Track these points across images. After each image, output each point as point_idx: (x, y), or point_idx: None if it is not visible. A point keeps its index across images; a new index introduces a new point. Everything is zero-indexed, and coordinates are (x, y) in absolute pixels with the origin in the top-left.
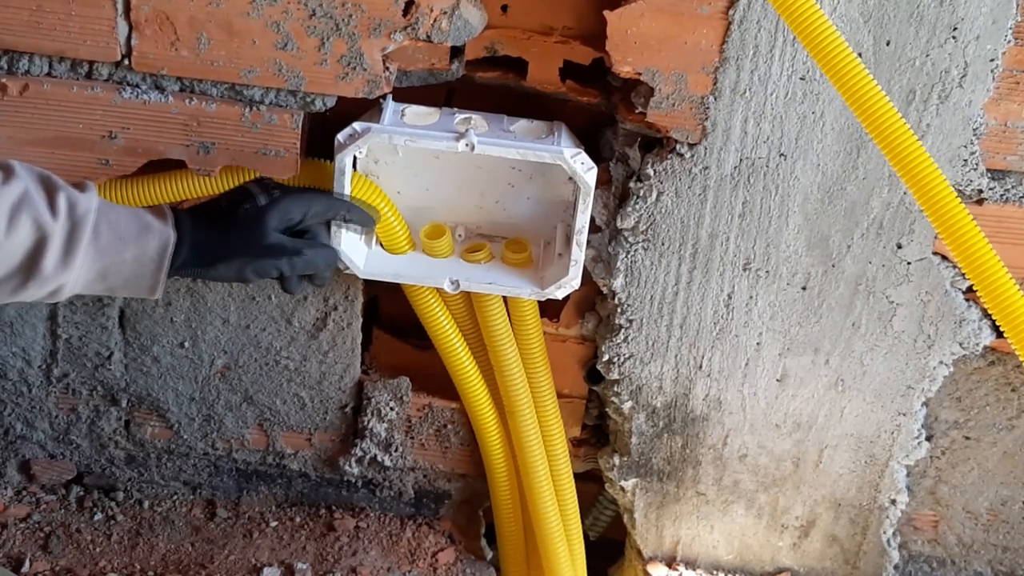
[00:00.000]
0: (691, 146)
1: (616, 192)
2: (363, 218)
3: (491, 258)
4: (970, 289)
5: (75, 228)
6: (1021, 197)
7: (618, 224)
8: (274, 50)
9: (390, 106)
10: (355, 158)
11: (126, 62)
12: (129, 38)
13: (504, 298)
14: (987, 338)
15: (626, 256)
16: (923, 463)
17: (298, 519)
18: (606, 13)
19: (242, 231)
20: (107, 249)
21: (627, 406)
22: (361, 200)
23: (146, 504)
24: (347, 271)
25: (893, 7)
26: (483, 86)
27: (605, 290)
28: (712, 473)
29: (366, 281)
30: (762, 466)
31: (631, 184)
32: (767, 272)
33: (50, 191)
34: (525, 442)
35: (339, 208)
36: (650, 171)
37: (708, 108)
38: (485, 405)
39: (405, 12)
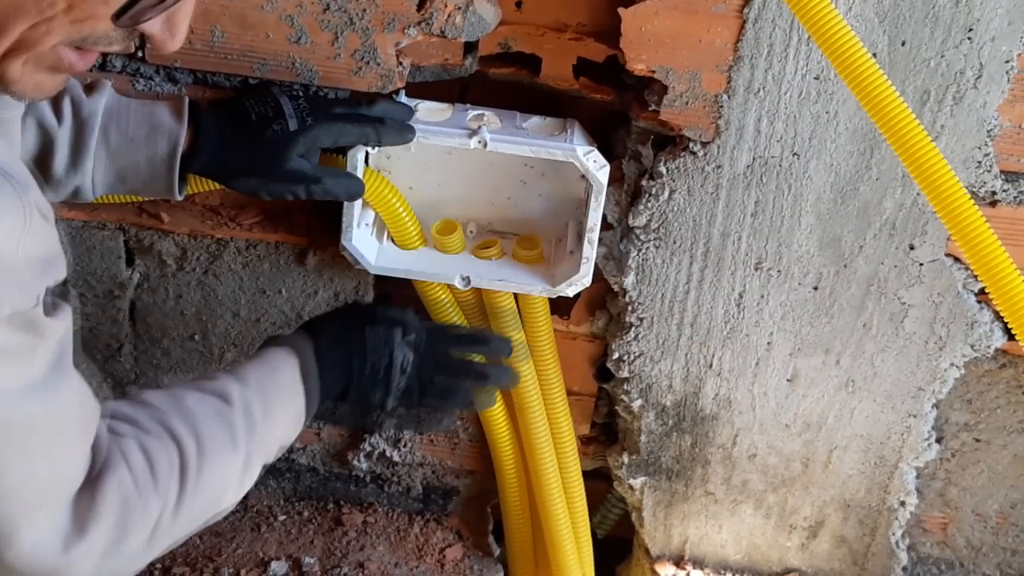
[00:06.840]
0: (704, 144)
1: (628, 190)
2: (396, 138)
3: (502, 255)
4: (982, 291)
5: (80, 132)
6: None
7: (630, 222)
8: (288, 44)
9: (403, 101)
10: (367, 153)
11: (139, 54)
12: None
13: (515, 295)
14: (999, 341)
15: (637, 254)
16: (933, 465)
17: (306, 513)
18: (620, 10)
19: (267, 153)
20: (119, 152)
21: (637, 404)
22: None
23: None
24: (358, 266)
25: (909, 7)
26: (496, 82)
27: (616, 288)
28: (721, 472)
29: (377, 276)
30: (771, 466)
31: (643, 182)
32: (779, 272)
33: (56, 95)
34: (534, 439)
35: (370, 137)
36: (663, 169)
37: (722, 107)
38: None
39: (419, 7)
